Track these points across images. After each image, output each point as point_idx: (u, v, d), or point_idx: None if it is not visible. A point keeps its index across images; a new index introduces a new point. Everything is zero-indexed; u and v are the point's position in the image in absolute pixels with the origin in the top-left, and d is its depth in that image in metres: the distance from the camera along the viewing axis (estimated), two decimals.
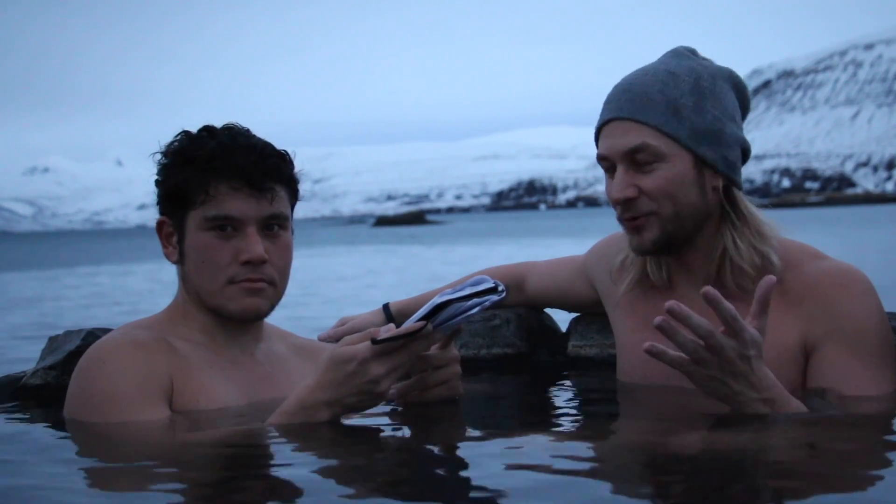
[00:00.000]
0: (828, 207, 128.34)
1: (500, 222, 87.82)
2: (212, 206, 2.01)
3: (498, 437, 1.88)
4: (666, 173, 2.06)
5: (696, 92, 2.07)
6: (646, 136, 2.05)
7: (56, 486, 1.57)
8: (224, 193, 2.00)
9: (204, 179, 2.00)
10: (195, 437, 1.86)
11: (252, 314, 2.06)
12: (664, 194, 2.06)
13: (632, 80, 2.12)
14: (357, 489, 1.48)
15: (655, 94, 2.06)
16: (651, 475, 1.58)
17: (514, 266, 2.70)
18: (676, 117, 2.06)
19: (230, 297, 2.03)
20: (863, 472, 1.53)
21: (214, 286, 2.03)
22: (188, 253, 2.05)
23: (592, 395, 2.37)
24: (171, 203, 2.06)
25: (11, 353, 6.79)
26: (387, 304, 2.69)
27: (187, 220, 2.04)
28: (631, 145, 2.06)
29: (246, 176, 2.01)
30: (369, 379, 1.78)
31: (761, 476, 1.54)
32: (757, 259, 2.09)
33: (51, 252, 42.93)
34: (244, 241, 2.01)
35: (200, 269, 2.03)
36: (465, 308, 1.83)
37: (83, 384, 1.97)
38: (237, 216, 2.01)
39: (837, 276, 2.06)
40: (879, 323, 2.05)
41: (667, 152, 2.05)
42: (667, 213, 2.07)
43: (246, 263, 2.02)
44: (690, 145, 2.06)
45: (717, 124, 2.08)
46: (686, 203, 2.07)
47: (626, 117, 2.08)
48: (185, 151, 2.04)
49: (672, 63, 2.12)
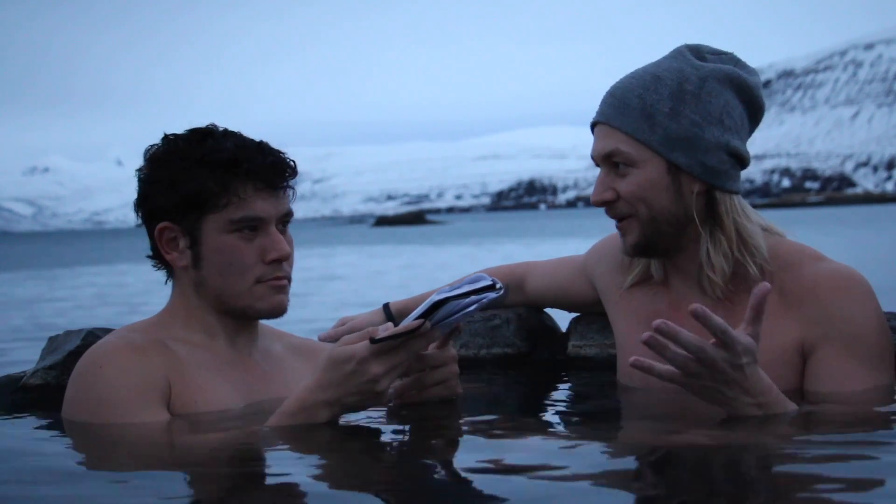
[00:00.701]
0: (828, 207, 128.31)
1: (500, 222, 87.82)
2: (237, 209, 2.00)
3: (497, 437, 1.88)
4: (638, 178, 2.08)
5: (674, 97, 2.07)
6: (619, 141, 2.09)
7: (56, 487, 1.57)
8: (250, 195, 2.01)
9: (228, 182, 1.99)
10: (196, 440, 1.86)
11: (281, 311, 2.08)
12: (637, 198, 2.09)
13: (618, 84, 2.14)
14: (357, 491, 1.48)
15: (633, 100, 2.08)
16: (651, 475, 1.58)
17: (514, 266, 2.70)
18: (649, 123, 2.07)
19: (259, 296, 2.04)
20: (858, 472, 1.53)
21: (242, 287, 2.03)
22: (208, 257, 2.03)
23: (592, 395, 2.37)
24: (183, 207, 2.02)
25: (12, 354, 6.78)
26: (387, 304, 2.69)
27: (204, 223, 2.02)
28: (605, 150, 2.11)
29: (268, 176, 2.02)
30: (368, 378, 1.79)
31: (760, 475, 1.55)
32: (727, 268, 2.09)
33: (51, 252, 42.93)
34: (267, 239, 2.03)
35: (226, 271, 2.03)
36: (462, 305, 1.84)
37: (81, 388, 1.97)
38: (263, 216, 2.02)
39: (836, 279, 2.06)
40: (877, 325, 2.05)
41: (637, 158, 2.08)
42: (644, 217, 2.10)
43: (272, 262, 2.03)
44: (662, 151, 2.07)
45: (693, 129, 2.06)
46: (660, 208, 2.09)
47: (604, 122, 2.12)
48: (198, 154, 2.01)
49: (663, 65, 2.12)
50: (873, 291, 2.07)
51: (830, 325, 2.04)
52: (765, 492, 1.46)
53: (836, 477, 1.50)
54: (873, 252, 17.50)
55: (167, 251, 2.07)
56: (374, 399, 1.83)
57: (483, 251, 25.08)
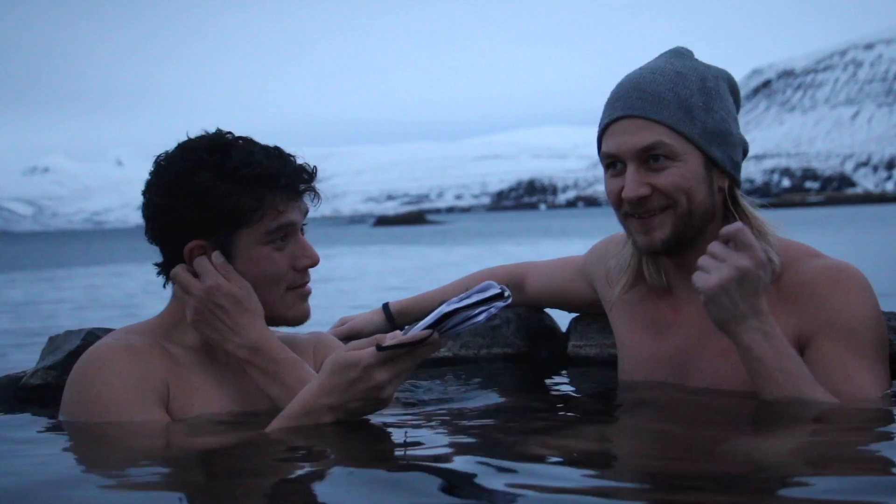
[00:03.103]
0: (828, 207, 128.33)
1: (500, 222, 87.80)
2: (272, 219, 1.99)
3: (498, 437, 1.88)
4: (680, 170, 2.05)
5: (704, 92, 2.07)
6: (660, 134, 2.04)
7: (56, 486, 1.57)
8: (285, 205, 2.01)
9: (262, 196, 1.98)
10: (196, 441, 1.86)
11: (307, 318, 2.09)
12: (679, 190, 2.05)
13: (640, 79, 2.09)
14: (357, 491, 1.49)
15: (667, 93, 2.05)
16: (651, 474, 1.58)
17: (514, 266, 2.71)
18: (689, 116, 2.05)
19: (290, 304, 2.05)
20: (851, 462, 1.55)
21: (275, 296, 2.03)
22: (242, 270, 2.00)
23: (592, 395, 2.37)
24: (216, 223, 1.98)
25: (11, 354, 6.78)
26: (386, 304, 2.69)
27: (237, 238, 1.99)
28: (645, 143, 2.05)
29: (296, 185, 2.03)
30: (373, 385, 1.78)
31: (761, 472, 1.54)
32: None
33: (51, 252, 42.92)
34: (297, 246, 2.04)
35: (261, 283, 2.01)
36: (471, 315, 1.83)
37: (79, 389, 1.97)
38: (294, 222, 2.03)
39: (832, 273, 2.07)
40: (872, 318, 2.06)
41: (680, 150, 2.05)
42: (682, 210, 2.06)
43: (303, 269, 2.04)
44: (702, 145, 2.05)
45: (724, 125, 2.08)
46: (699, 201, 2.07)
47: (639, 115, 2.06)
48: (227, 170, 1.96)
49: (677, 63, 2.11)
50: (870, 286, 2.08)
51: (825, 317, 2.04)
52: (765, 487, 1.46)
53: (834, 473, 1.52)
54: (873, 252, 17.49)
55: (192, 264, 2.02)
56: (378, 405, 1.83)
57: (485, 251, 25.05)
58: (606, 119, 2.12)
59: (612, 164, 2.11)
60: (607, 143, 2.11)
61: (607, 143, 2.11)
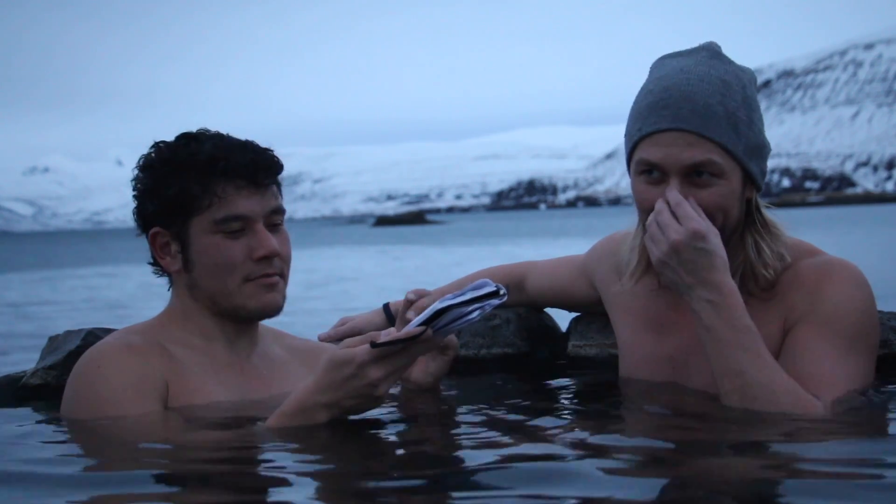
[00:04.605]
0: (828, 207, 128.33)
1: (500, 222, 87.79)
2: (220, 208, 2.01)
3: (498, 437, 1.88)
4: (722, 189, 2.01)
5: (746, 104, 2.03)
6: (711, 152, 1.99)
7: (56, 484, 1.58)
8: (231, 194, 2.01)
9: (207, 183, 2.00)
10: (194, 439, 1.86)
11: (272, 310, 2.08)
12: (719, 209, 2.02)
13: (688, 87, 2.01)
14: (354, 491, 1.49)
15: (717, 107, 1.99)
16: (652, 474, 1.58)
17: (514, 266, 2.70)
18: (735, 133, 2.01)
19: (249, 295, 2.05)
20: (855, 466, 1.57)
21: (231, 286, 2.04)
22: (196, 259, 2.04)
23: (592, 395, 2.37)
24: (170, 212, 2.04)
25: (11, 354, 6.78)
26: (387, 304, 2.68)
27: (190, 226, 2.03)
28: (695, 160, 1.99)
29: (249, 174, 2.02)
30: (368, 382, 1.79)
31: (761, 472, 1.55)
32: (778, 263, 2.09)
33: (51, 252, 42.90)
34: (255, 237, 2.03)
35: (214, 272, 2.03)
36: (465, 312, 1.83)
37: (80, 388, 1.98)
38: (247, 214, 2.02)
39: (825, 268, 2.07)
40: (858, 312, 2.04)
41: (726, 169, 2.01)
42: (716, 225, 2.01)
43: (261, 260, 2.03)
44: (744, 161, 2.03)
45: (761, 137, 2.06)
46: (733, 217, 2.05)
47: (691, 130, 1.99)
48: (179, 158, 2.02)
49: (720, 68, 2.04)
50: (865, 282, 2.07)
51: (810, 305, 2.04)
52: (765, 487, 1.47)
53: (834, 472, 1.53)
54: (874, 252, 17.47)
55: (161, 256, 2.08)
56: (373, 402, 1.84)
57: (485, 251, 25.05)
58: (652, 127, 2.03)
59: (649, 171, 2.05)
60: (649, 152, 2.03)
61: (649, 152, 2.03)
